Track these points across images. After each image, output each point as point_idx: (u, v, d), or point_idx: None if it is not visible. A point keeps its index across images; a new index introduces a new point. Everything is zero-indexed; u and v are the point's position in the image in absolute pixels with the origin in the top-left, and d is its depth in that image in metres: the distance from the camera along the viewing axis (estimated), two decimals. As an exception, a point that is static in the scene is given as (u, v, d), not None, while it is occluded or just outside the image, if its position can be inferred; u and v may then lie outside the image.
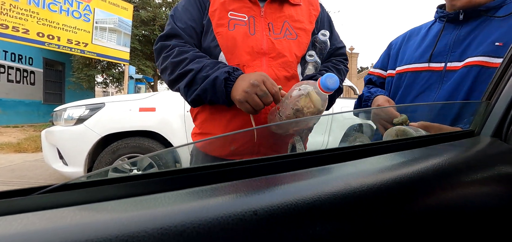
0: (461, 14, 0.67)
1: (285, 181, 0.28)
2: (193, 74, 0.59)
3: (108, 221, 0.20)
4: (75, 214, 0.21)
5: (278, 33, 0.67)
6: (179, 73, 0.61)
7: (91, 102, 2.33)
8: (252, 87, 0.53)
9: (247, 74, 0.57)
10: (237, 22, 0.65)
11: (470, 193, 0.30)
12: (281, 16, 0.69)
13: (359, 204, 0.25)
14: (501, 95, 0.35)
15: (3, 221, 0.19)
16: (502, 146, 0.34)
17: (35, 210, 0.21)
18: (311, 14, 0.74)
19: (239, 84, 0.56)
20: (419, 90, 0.71)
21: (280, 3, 0.70)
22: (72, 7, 5.14)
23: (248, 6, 0.67)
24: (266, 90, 0.53)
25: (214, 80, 0.57)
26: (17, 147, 4.56)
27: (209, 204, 0.23)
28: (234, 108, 0.61)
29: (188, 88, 0.61)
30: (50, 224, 0.19)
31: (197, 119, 0.72)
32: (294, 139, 0.56)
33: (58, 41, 4.93)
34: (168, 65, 0.63)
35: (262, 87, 0.53)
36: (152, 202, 0.24)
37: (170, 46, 0.63)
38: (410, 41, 0.81)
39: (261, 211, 0.23)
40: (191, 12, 0.67)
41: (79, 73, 8.58)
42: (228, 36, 0.64)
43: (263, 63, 0.65)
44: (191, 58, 0.61)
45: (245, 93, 0.53)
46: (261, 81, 0.53)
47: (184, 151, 0.40)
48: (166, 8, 9.57)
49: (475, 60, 0.62)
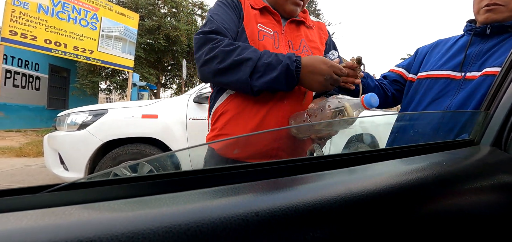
0: (488, 29, 0.70)
1: (287, 185, 0.29)
2: (253, 63, 0.61)
3: (114, 219, 0.21)
4: (82, 212, 0.22)
5: (297, 49, 0.75)
6: (234, 60, 0.62)
7: (94, 108, 2.35)
8: (326, 81, 0.62)
9: (310, 65, 0.62)
10: (265, 34, 0.72)
11: (469, 201, 0.30)
12: (299, 35, 0.77)
13: (359, 209, 0.26)
14: (500, 105, 0.36)
15: (14, 216, 0.20)
16: (502, 155, 0.34)
17: (44, 207, 0.21)
18: (322, 37, 0.84)
19: (312, 79, 0.62)
20: (435, 96, 0.73)
21: (297, 24, 0.79)
22: (80, 16, 5.26)
23: (273, 22, 0.75)
24: (337, 77, 0.62)
25: (287, 69, 0.61)
26: (19, 152, 4.58)
27: (212, 205, 0.23)
28: (262, 109, 0.66)
29: (251, 78, 0.62)
30: (58, 221, 0.20)
31: (219, 121, 0.72)
32: (313, 146, 0.58)
33: (64, 48, 5.03)
34: (218, 53, 0.63)
35: (334, 77, 0.61)
36: (157, 202, 0.24)
37: (218, 39, 0.65)
38: (435, 49, 0.84)
39: (263, 212, 0.24)
40: (231, 16, 0.72)
41: (84, 80, 8.70)
42: (259, 45, 0.69)
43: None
44: (243, 47, 0.63)
45: (322, 87, 0.63)
46: (332, 72, 0.61)
47: (185, 155, 0.40)
48: (171, 17, 9.77)
49: (491, 70, 0.64)
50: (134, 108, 2.34)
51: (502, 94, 0.36)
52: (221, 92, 0.73)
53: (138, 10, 8.68)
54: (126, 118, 2.26)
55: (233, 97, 0.70)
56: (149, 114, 2.31)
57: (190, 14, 10.07)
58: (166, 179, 0.27)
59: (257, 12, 0.74)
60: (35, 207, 0.21)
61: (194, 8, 10.45)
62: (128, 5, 8.82)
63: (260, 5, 0.75)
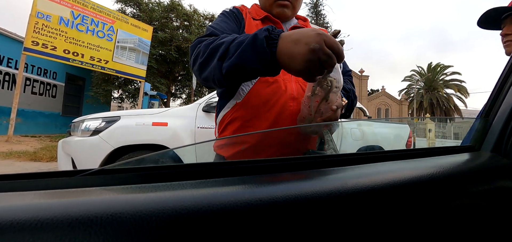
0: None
1: (288, 179, 0.31)
2: (226, 46, 0.52)
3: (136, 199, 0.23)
4: (111, 193, 0.25)
5: None
6: (211, 48, 0.55)
7: (108, 115, 2.44)
8: (313, 53, 0.43)
9: (295, 33, 0.46)
10: None
11: (469, 206, 0.31)
12: None
13: (354, 203, 0.27)
14: (499, 112, 0.37)
15: (58, 194, 0.23)
16: (502, 161, 0.35)
17: (81, 187, 0.25)
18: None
19: (293, 50, 0.45)
20: None
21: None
22: (98, 28, 5.54)
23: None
24: (330, 52, 0.43)
25: (254, 39, 0.47)
26: (33, 156, 4.74)
27: (222, 192, 0.26)
28: (271, 115, 0.65)
29: (222, 61, 0.52)
30: (92, 198, 0.23)
31: (227, 130, 0.70)
32: (322, 133, 0.57)
33: (81, 57, 5.28)
34: (201, 48, 0.58)
35: (325, 49, 0.43)
36: (175, 187, 0.27)
37: (206, 40, 0.61)
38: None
39: (266, 198, 0.26)
40: (230, 24, 0.72)
41: (98, 88, 9.03)
42: None
43: (292, 79, 0.70)
44: (222, 37, 0.56)
45: (307, 63, 0.44)
46: (322, 41, 0.43)
47: (190, 151, 0.43)
48: (183, 30, 10.12)
49: None
50: (145, 116, 2.42)
51: (501, 101, 0.37)
52: (226, 99, 0.72)
53: (152, 23, 9.06)
54: (137, 125, 2.33)
55: (240, 105, 0.68)
56: (160, 122, 2.38)
57: (202, 27, 10.40)
58: (183, 170, 0.30)
59: (259, 23, 0.74)
60: (75, 187, 0.24)
61: (206, 21, 10.80)
62: (142, 18, 9.22)
63: (262, 15, 0.76)
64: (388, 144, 2.76)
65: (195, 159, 0.42)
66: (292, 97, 0.68)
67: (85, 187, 0.24)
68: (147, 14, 9.49)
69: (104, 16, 5.67)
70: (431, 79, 28.51)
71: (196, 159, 0.42)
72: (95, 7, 5.52)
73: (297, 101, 0.68)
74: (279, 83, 0.68)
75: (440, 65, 29.11)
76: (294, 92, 0.69)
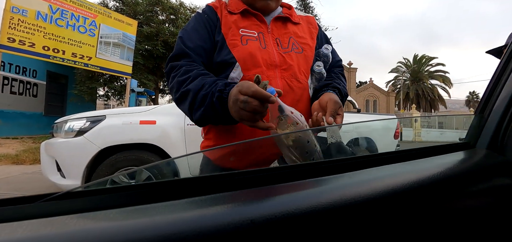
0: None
1: (282, 192, 0.29)
2: (192, 96, 0.59)
3: (109, 229, 0.20)
4: (78, 222, 0.22)
5: (286, 48, 0.72)
6: (181, 92, 0.61)
7: (92, 115, 2.34)
8: (235, 104, 0.52)
9: (233, 90, 0.54)
10: (249, 37, 0.70)
11: (466, 203, 0.31)
12: (287, 33, 0.74)
13: (354, 215, 0.26)
14: (493, 108, 0.36)
15: (10, 227, 0.20)
16: (497, 157, 0.35)
17: (40, 217, 0.21)
18: (312, 32, 0.80)
19: (230, 107, 0.54)
20: None
21: (283, 21, 0.76)
22: (79, 23, 5.28)
23: (256, 23, 0.72)
24: (245, 98, 0.50)
25: (210, 100, 0.56)
26: (15, 159, 4.53)
27: (208, 213, 0.23)
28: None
29: (191, 111, 0.61)
30: (54, 231, 0.20)
31: (212, 131, 0.72)
32: (329, 134, 0.56)
33: (63, 54, 5.03)
34: (174, 84, 0.64)
35: (241, 98, 0.50)
36: (152, 211, 0.24)
37: (178, 66, 0.65)
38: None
39: (258, 220, 0.24)
40: (200, 32, 0.70)
41: (82, 86, 8.70)
42: (244, 51, 0.67)
43: (276, 74, 0.68)
44: (194, 76, 0.61)
45: (237, 112, 0.52)
46: (238, 93, 0.51)
47: (183, 162, 0.40)
48: (169, 24, 9.84)
49: None
50: (132, 114, 2.34)
51: (495, 98, 0.36)
52: None
53: (137, 17, 8.75)
54: (124, 124, 2.25)
55: None
56: (147, 120, 2.30)
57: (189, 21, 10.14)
58: (162, 187, 0.27)
59: (237, 17, 0.71)
60: (31, 217, 0.21)
61: (192, 14, 10.53)
62: (126, 12, 8.88)
63: (241, 8, 0.72)
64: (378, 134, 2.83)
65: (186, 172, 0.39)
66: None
67: (46, 217, 0.21)
68: (131, 7, 9.15)
69: (85, 10, 5.40)
70: (416, 70, 29.28)
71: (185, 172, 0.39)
72: (74, 1, 5.25)
73: (284, 98, 0.65)
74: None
75: (425, 56, 29.90)
76: (280, 88, 0.66)
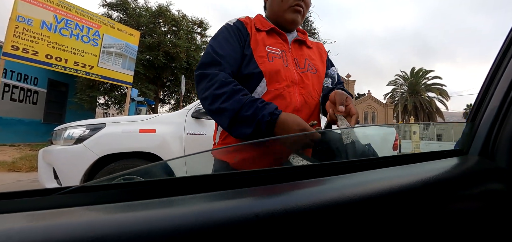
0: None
1: (285, 190, 0.30)
2: (232, 113, 0.63)
3: (118, 220, 0.22)
4: (88, 213, 0.23)
5: (303, 67, 0.79)
6: (219, 107, 0.65)
7: (92, 122, 2.34)
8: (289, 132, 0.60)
9: (287, 119, 0.61)
10: (274, 55, 0.75)
11: (458, 206, 0.32)
12: (303, 54, 0.82)
13: (351, 214, 0.27)
14: (484, 116, 0.38)
15: (31, 216, 0.21)
16: (488, 164, 0.36)
17: (55, 208, 0.22)
18: (322, 56, 0.90)
19: (280, 129, 0.61)
20: None
21: (299, 44, 0.84)
22: (82, 32, 5.37)
23: (280, 42, 0.79)
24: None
25: (259, 123, 0.61)
26: (11, 166, 4.49)
27: (216, 207, 0.25)
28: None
29: (230, 126, 0.65)
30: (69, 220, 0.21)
31: (230, 137, 0.73)
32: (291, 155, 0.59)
33: (65, 63, 5.09)
34: (208, 95, 0.67)
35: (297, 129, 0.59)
36: (162, 205, 0.25)
37: (210, 76, 0.68)
38: None
39: (262, 214, 0.25)
40: (231, 43, 0.74)
41: (82, 94, 8.72)
42: (271, 67, 0.73)
43: (296, 90, 0.74)
44: (230, 93, 0.65)
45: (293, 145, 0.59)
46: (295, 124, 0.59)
47: (194, 160, 0.41)
48: (171, 35, 10.01)
49: None
50: (132, 122, 2.34)
51: (486, 105, 0.38)
52: None
53: (140, 28, 8.91)
54: (124, 133, 2.25)
55: None
56: (147, 128, 2.31)
57: (190, 32, 10.33)
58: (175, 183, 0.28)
59: (264, 34, 0.77)
60: (47, 208, 0.22)
61: (194, 26, 10.74)
62: (130, 23, 9.05)
63: (267, 26, 0.79)
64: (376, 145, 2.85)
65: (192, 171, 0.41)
66: (296, 108, 0.71)
67: (64, 207, 0.22)
68: (134, 19, 9.33)
69: (89, 20, 5.51)
70: (414, 83, 29.63)
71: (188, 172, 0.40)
72: (80, 12, 5.36)
73: (301, 112, 0.72)
74: (284, 95, 0.72)
75: (423, 69, 30.35)
76: (298, 103, 0.72)
